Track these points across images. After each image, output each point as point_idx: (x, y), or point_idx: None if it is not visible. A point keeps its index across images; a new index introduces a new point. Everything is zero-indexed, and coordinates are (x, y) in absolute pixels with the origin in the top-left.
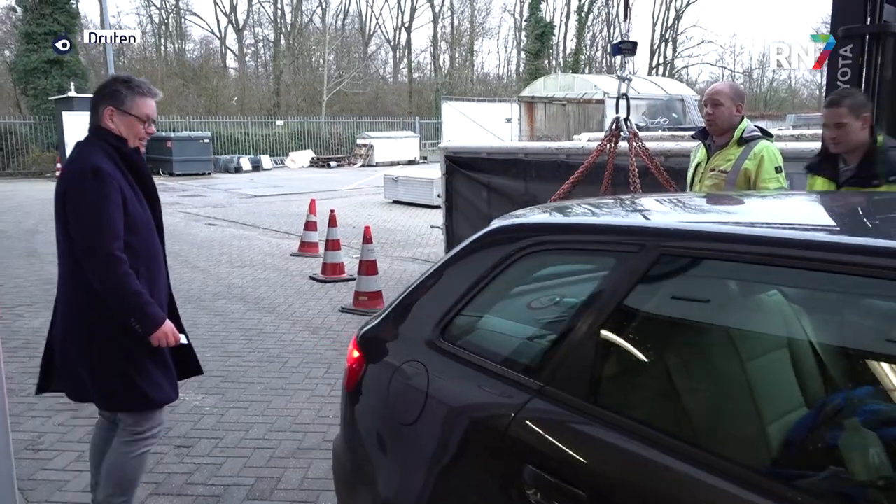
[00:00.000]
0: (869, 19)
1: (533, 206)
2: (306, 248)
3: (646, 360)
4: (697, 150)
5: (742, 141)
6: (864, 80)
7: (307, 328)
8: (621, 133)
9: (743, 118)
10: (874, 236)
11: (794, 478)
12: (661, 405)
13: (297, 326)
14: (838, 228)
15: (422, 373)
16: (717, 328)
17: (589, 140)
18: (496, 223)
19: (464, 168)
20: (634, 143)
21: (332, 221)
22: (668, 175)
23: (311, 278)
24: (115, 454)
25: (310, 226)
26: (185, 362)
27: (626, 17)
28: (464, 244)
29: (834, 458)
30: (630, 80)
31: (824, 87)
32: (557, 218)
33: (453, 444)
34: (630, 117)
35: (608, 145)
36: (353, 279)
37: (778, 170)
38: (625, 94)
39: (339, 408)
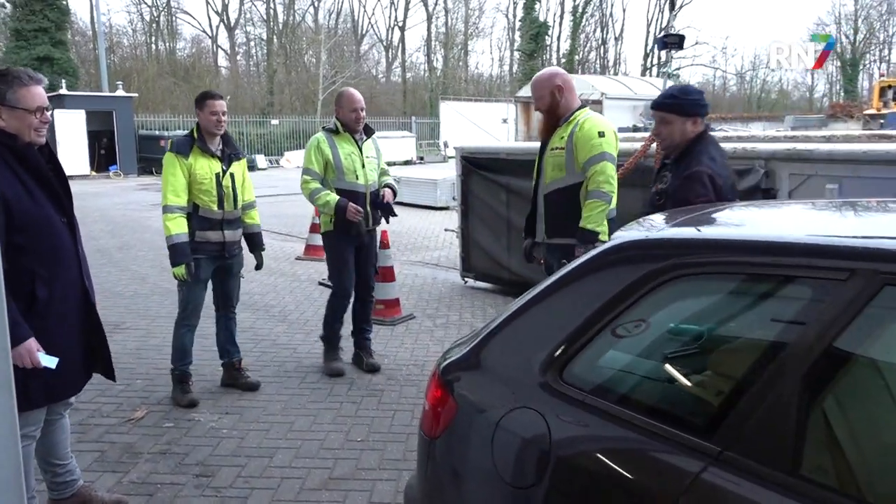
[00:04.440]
0: None
1: (659, 213)
2: (312, 251)
3: (874, 420)
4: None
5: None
6: None
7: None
8: None
9: None
10: None
11: None
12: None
13: (311, 337)
14: None
15: (539, 424)
16: None
17: None
18: (622, 236)
19: (481, 169)
20: None
21: None
22: None
23: (321, 283)
24: None
25: (315, 228)
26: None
27: (671, 8)
28: (577, 263)
29: None
30: (678, 76)
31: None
32: (714, 232)
33: None
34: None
35: (652, 145)
36: None
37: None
38: None
39: (417, 452)
